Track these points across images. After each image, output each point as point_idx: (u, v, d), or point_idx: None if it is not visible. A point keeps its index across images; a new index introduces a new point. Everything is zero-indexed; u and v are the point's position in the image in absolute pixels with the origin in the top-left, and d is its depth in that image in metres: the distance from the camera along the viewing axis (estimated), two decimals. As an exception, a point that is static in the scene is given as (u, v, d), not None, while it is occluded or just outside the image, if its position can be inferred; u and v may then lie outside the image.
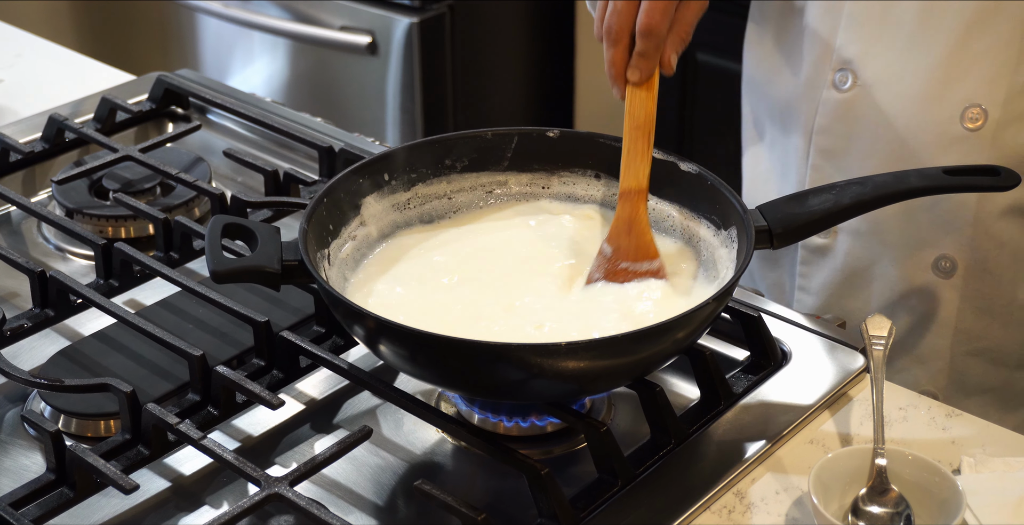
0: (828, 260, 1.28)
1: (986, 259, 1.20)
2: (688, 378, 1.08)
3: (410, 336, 0.92)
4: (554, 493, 0.92)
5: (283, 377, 1.06)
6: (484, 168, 1.13)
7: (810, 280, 1.30)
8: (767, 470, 0.98)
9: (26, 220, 1.31)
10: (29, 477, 0.97)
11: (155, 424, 0.98)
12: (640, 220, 1.03)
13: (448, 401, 1.05)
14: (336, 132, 1.40)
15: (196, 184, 1.27)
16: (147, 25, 2.91)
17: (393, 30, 2.42)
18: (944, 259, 1.20)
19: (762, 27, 1.29)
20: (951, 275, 1.21)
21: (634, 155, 1.05)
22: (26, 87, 1.57)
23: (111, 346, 1.09)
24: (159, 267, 1.14)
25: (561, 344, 0.89)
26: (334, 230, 1.05)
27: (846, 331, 1.11)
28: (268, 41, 2.63)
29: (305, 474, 0.93)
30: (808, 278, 1.30)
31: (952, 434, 1.01)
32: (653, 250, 1.02)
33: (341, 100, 2.58)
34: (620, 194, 1.04)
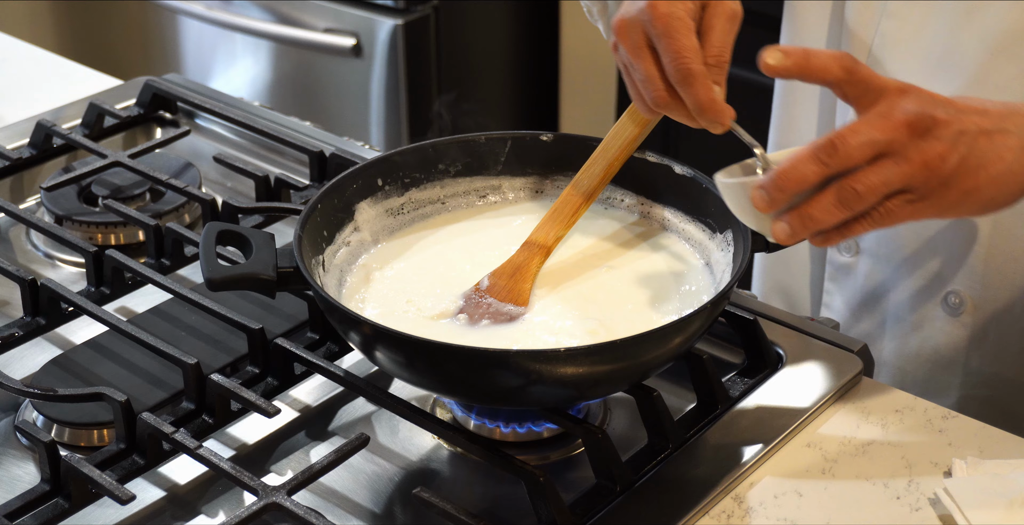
0: (851, 280, 1.27)
1: (996, 300, 1.18)
2: (684, 382, 1.07)
3: (407, 342, 0.92)
4: (553, 499, 0.91)
5: (278, 384, 1.06)
6: (478, 172, 1.12)
7: (834, 298, 1.30)
8: (765, 474, 0.98)
9: (14, 227, 1.30)
10: (23, 488, 0.96)
11: (150, 433, 0.97)
12: (528, 270, 1.03)
13: (444, 407, 1.05)
14: (326, 136, 1.40)
15: (186, 190, 1.26)
16: (128, 28, 2.90)
17: (377, 32, 2.42)
18: (953, 295, 1.19)
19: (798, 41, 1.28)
20: (960, 312, 1.20)
21: (560, 215, 1.06)
22: (12, 92, 1.56)
23: (103, 354, 1.08)
24: (151, 274, 1.13)
25: (560, 350, 0.89)
26: (328, 236, 1.04)
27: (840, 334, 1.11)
28: (251, 43, 2.62)
29: (303, 483, 0.92)
30: (833, 296, 1.30)
31: (949, 436, 1.01)
32: (523, 299, 1.02)
33: (325, 102, 2.57)
34: (526, 242, 1.05)
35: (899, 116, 0.87)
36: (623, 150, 1.07)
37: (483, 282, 1.03)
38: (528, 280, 1.02)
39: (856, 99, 0.90)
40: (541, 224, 1.06)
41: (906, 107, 0.88)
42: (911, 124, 0.87)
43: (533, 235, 1.05)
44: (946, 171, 0.88)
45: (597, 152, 1.07)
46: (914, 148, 0.87)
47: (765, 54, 0.89)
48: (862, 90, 0.89)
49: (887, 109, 0.88)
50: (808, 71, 0.89)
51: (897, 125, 0.87)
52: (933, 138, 0.87)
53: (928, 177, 0.88)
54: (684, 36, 0.95)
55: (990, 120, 0.89)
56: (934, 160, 0.87)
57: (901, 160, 0.87)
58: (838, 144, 0.87)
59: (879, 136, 0.87)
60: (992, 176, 0.89)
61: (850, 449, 1.00)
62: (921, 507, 0.95)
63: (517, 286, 1.02)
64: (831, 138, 0.87)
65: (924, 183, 0.88)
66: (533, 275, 1.03)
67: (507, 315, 1.00)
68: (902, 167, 0.87)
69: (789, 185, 0.88)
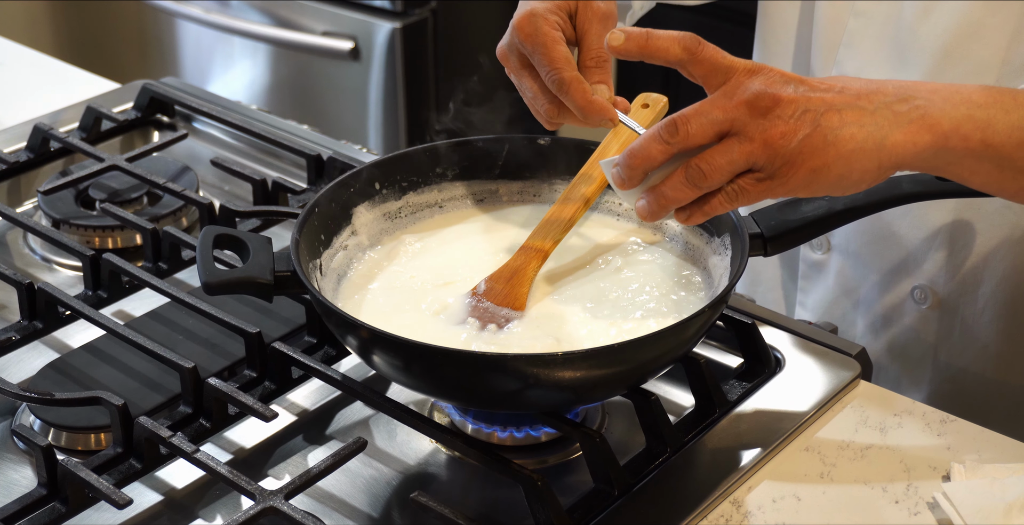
0: (823, 277, 1.28)
1: (961, 294, 1.19)
2: (681, 386, 1.07)
3: (404, 346, 0.91)
4: (551, 503, 0.91)
5: (275, 388, 1.06)
6: (475, 176, 1.12)
7: (808, 295, 1.31)
8: (763, 478, 0.98)
9: (12, 231, 1.30)
10: (20, 492, 0.96)
11: (147, 437, 0.97)
12: (525, 275, 1.03)
13: (441, 411, 1.05)
14: (324, 140, 1.39)
15: (184, 193, 1.26)
16: (127, 31, 2.90)
17: (376, 35, 2.42)
18: (919, 290, 1.20)
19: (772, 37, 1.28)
20: (927, 306, 1.20)
21: (557, 219, 1.06)
22: (9, 96, 1.56)
23: (101, 358, 1.08)
24: (148, 278, 1.13)
25: (557, 354, 0.89)
26: (326, 240, 1.04)
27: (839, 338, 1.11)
28: (249, 47, 2.62)
29: (300, 487, 0.92)
30: (806, 293, 1.31)
31: (947, 440, 1.01)
32: (520, 303, 1.02)
33: (323, 106, 2.57)
34: (523, 246, 1.05)
35: (741, 96, 0.88)
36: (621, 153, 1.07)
37: (480, 286, 1.03)
38: (525, 284, 1.02)
39: (703, 79, 0.91)
40: (538, 228, 1.06)
41: (749, 86, 0.89)
42: (751, 103, 0.88)
43: (530, 239, 1.05)
44: (789, 149, 0.88)
45: (594, 156, 1.07)
46: (755, 127, 0.88)
47: (609, 36, 0.91)
48: (708, 70, 0.90)
49: (731, 89, 0.89)
50: (648, 50, 0.91)
51: (738, 104, 0.88)
52: (775, 117, 0.88)
53: (771, 155, 0.88)
54: (551, 48, 0.99)
55: (844, 97, 0.89)
56: (775, 138, 0.88)
57: (744, 139, 0.88)
58: (680, 124, 0.89)
59: (720, 115, 0.89)
60: (842, 153, 0.89)
61: (849, 453, 1.00)
62: (920, 511, 0.95)
63: (514, 290, 1.02)
64: (674, 118, 0.90)
65: (769, 161, 0.88)
66: (530, 279, 1.03)
67: (504, 319, 1.00)
68: (744, 146, 0.88)
69: (636, 162, 0.91)
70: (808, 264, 1.29)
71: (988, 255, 1.16)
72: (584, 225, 1.10)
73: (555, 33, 1.00)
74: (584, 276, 1.05)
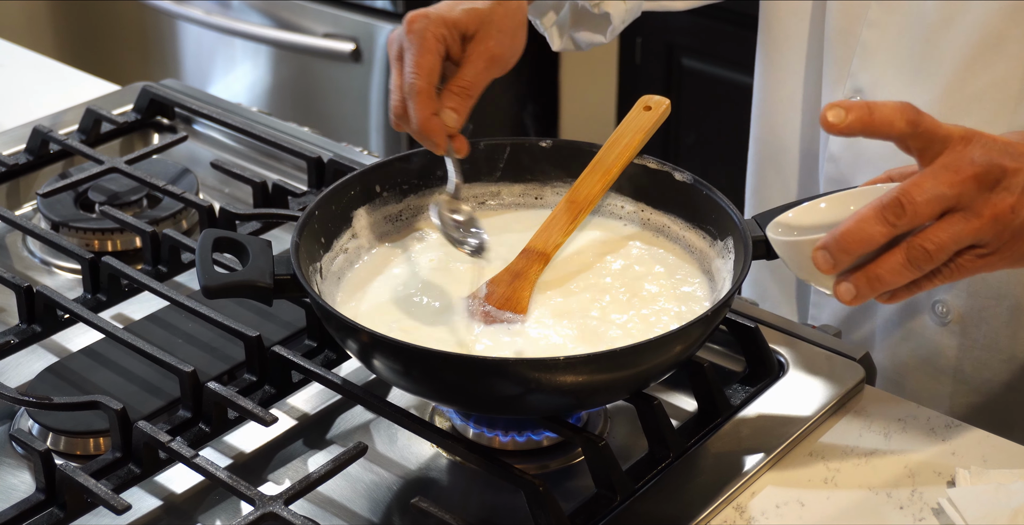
0: None
1: (983, 309, 1.18)
2: (685, 390, 1.07)
3: (404, 351, 0.91)
4: (553, 509, 0.91)
5: (275, 392, 1.05)
6: (476, 179, 1.12)
7: (821, 310, 1.29)
8: (767, 483, 0.97)
9: (10, 234, 1.30)
10: (18, 497, 0.96)
11: (146, 442, 0.96)
12: (527, 278, 1.02)
13: (442, 415, 1.04)
14: (324, 142, 1.39)
15: (184, 196, 1.25)
16: (127, 33, 2.89)
17: (377, 37, 2.41)
18: (940, 304, 1.19)
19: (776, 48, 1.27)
20: (948, 321, 1.19)
21: (557, 224, 1.05)
22: (8, 98, 1.55)
23: (99, 362, 1.07)
24: (147, 281, 1.13)
25: (559, 358, 0.88)
26: (326, 243, 1.04)
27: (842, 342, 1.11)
28: (250, 49, 2.61)
29: (300, 492, 0.92)
30: (820, 308, 1.29)
31: (952, 445, 1.00)
32: (522, 307, 1.01)
33: (324, 108, 2.56)
34: (524, 249, 1.04)
35: (967, 169, 0.84)
36: (623, 156, 1.06)
37: (482, 289, 1.02)
38: (527, 288, 1.02)
39: (920, 151, 0.86)
40: (540, 231, 1.05)
41: (974, 158, 0.84)
42: (979, 177, 0.84)
43: (532, 242, 1.05)
44: (1017, 223, 0.85)
45: (597, 158, 1.07)
46: (983, 202, 0.84)
47: (827, 112, 0.85)
48: (927, 141, 0.86)
49: (954, 161, 0.84)
50: (872, 127, 0.85)
51: (965, 179, 0.84)
52: (1002, 189, 0.84)
53: (999, 231, 0.85)
54: (423, 55, 0.99)
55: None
56: (1005, 213, 0.84)
57: (971, 215, 0.84)
58: (905, 203, 0.84)
59: (947, 191, 0.84)
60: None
61: (853, 458, 0.99)
62: (925, 517, 0.94)
63: (516, 294, 1.01)
64: (897, 196, 0.84)
65: (996, 237, 0.85)
66: (532, 283, 1.02)
67: (506, 323, 0.99)
68: (972, 223, 0.84)
69: (854, 247, 0.85)
70: None
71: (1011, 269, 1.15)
72: (586, 228, 1.10)
73: (434, 44, 0.99)
74: (586, 279, 1.05)
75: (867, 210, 0.85)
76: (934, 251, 0.84)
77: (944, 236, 0.84)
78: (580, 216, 1.05)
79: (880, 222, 0.84)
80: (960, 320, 1.18)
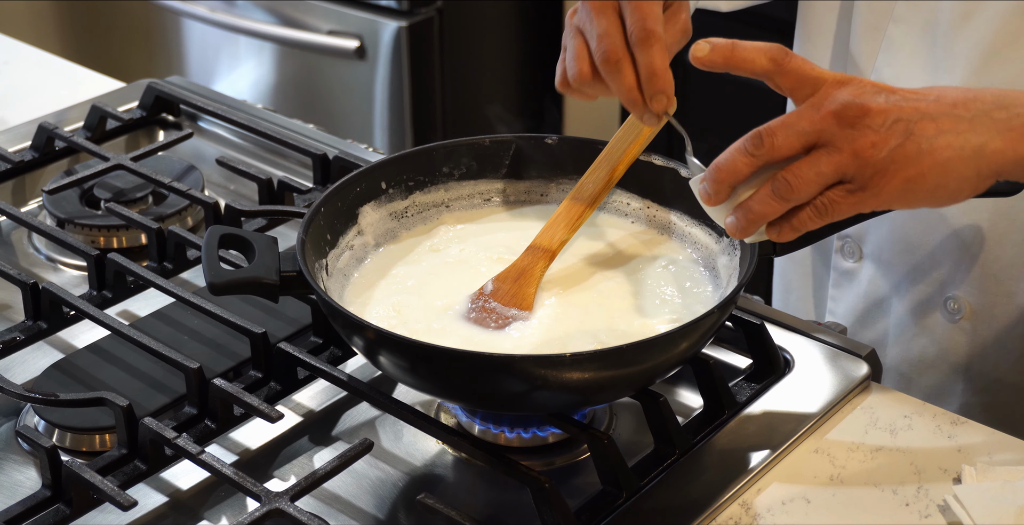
0: (854, 286, 1.27)
1: (995, 305, 1.17)
2: (690, 387, 1.07)
3: (410, 347, 0.91)
4: (558, 506, 0.91)
5: (281, 389, 1.05)
6: (482, 175, 1.12)
7: (838, 304, 1.29)
8: (772, 480, 0.97)
9: (16, 230, 1.30)
10: (24, 493, 0.96)
11: (152, 438, 0.96)
12: (533, 275, 1.02)
13: (448, 412, 1.04)
14: (330, 139, 1.39)
15: (189, 193, 1.25)
16: (132, 30, 2.89)
17: (381, 34, 2.41)
18: (952, 300, 1.19)
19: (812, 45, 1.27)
20: (959, 318, 1.19)
21: (564, 219, 1.05)
22: (14, 95, 1.55)
23: (105, 359, 1.07)
24: (153, 278, 1.13)
25: (565, 355, 0.88)
26: (332, 240, 1.04)
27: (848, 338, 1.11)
28: (255, 46, 2.61)
29: (306, 489, 0.92)
30: (837, 302, 1.29)
31: (958, 442, 1.00)
32: (527, 303, 1.01)
33: (329, 105, 2.56)
34: (530, 246, 1.04)
35: (828, 106, 0.87)
36: (628, 153, 1.06)
37: (487, 286, 1.02)
38: (532, 284, 1.02)
39: (791, 91, 0.89)
40: (546, 228, 1.05)
41: (837, 97, 0.87)
42: (839, 113, 0.86)
43: (537, 239, 1.05)
44: (880, 159, 0.86)
45: (602, 155, 1.07)
46: (843, 137, 0.86)
47: (694, 48, 0.89)
48: (795, 81, 0.88)
49: (818, 100, 0.87)
50: (734, 61, 0.89)
51: (825, 115, 0.87)
52: (864, 127, 0.86)
53: (861, 166, 0.86)
54: (653, 3, 0.95)
55: (939, 106, 0.87)
56: (865, 148, 0.86)
57: (832, 150, 0.87)
58: (765, 135, 0.87)
59: (807, 127, 0.87)
60: (938, 162, 0.86)
61: (858, 455, 0.99)
62: (931, 514, 0.94)
63: (521, 290, 1.01)
64: (759, 130, 0.88)
65: (859, 172, 0.87)
66: (537, 279, 1.02)
67: (511, 319, 0.99)
68: (833, 157, 0.87)
69: (722, 176, 0.89)
70: (839, 272, 1.28)
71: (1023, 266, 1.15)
72: (591, 225, 1.10)
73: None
74: (591, 276, 1.05)
75: (735, 143, 0.89)
76: (795, 183, 0.87)
77: (805, 168, 0.87)
78: (586, 213, 1.05)
79: (742, 153, 0.88)
80: (971, 317, 1.18)
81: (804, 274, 1.36)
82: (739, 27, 2.14)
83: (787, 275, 1.38)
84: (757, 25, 1.33)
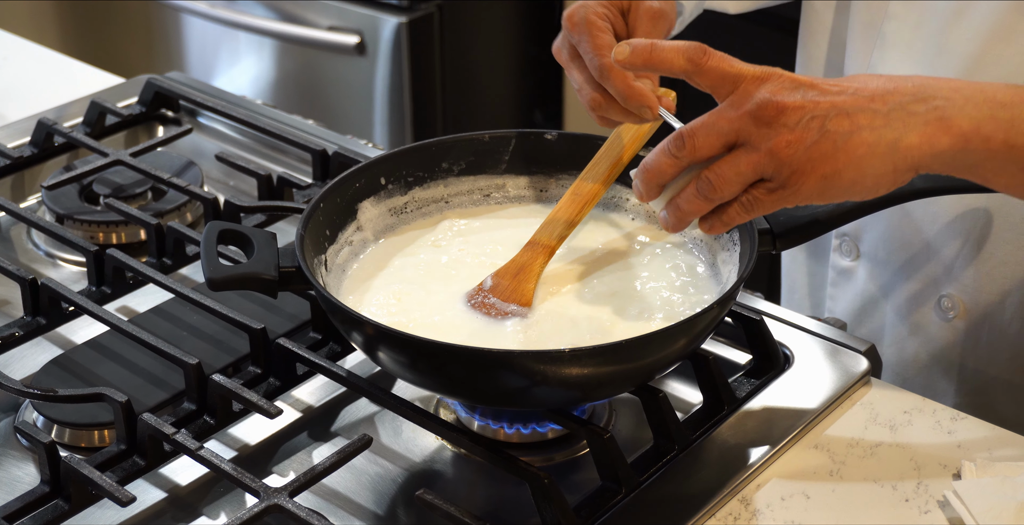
0: (852, 284, 1.27)
1: (988, 304, 1.18)
2: (689, 383, 1.07)
3: (410, 343, 0.91)
4: (558, 501, 0.91)
5: (280, 385, 1.05)
6: (481, 171, 1.12)
7: (837, 302, 1.29)
8: (772, 476, 0.97)
9: (15, 226, 1.30)
10: (23, 489, 0.96)
11: (151, 434, 0.96)
12: (532, 271, 1.02)
13: (447, 408, 1.04)
14: (329, 135, 1.39)
15: (188, 189, 1.25)
16: (131, 26, 2.89)
17: (381, 30, 2.41)
18: (946, 298, 1.19)
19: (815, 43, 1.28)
20: (952, 316, 1.19)
21: (564, 214, 1.05)
22: (13, 91, 1.55)
23: (104, 354, 1.07)
24: (152, 273, 1.12)
25: (565, 351, 0.88)
26: (331, 235, 1.04)
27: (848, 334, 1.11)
28: (255, 41, 2.61)
29: (305, 484, 0.92)
30: (835, 300, 1.30)
31: (958, 437, 1.00)
32: (527, 299, 1.01)
33: (329, 100, 2.56)
34: (529, 242, 1.04)
35: (745, 106, 0.87)
36: (628, 149, 1.06)
37: (486, 282, 1.02)
38: (532, 280, 1.02)
39: (712, 89, 0.90)
40: (545, 224, 1.05)
41: (755, 96, 0.87)
42: (755, 113, 0.87)
43: (537, 235, 1.05)
44: (796, 158, 0.86)
45: (602, 151, 1.07)
46: (759, 137, 0.87)
47: (614, 50, 0.90)
48: (715, 80, 0.89)
49: (737, 99, 0.88)
50: (652, 62, 0.89)
51: (742, 115, 0.87)
52: (780, 125, 0.86)
53: (779, 165, 0.87)
54: (595, 36, 0.99)
55: (856, 100, 0.87)
56: (781, 147, 0.86)
57: (750, 149, 0.87)
58: (687, 137, 0.88)
59: (726, 127, 0.87)
60: (852, 159, 0.87)
61: (858, 451, 0.99)
62: (930, 510, 0.94)
63: (521, 286, 1.01)
64: (681, 131, 0.89)
65: (777, 171, 0.87)
66: (537, 275, 1.02)
67: (510, 315, 0.99)
68: (751, 156, 0.87)
69: (648, 176, 0.91)
70: (837, 271, 1.28)
71: (1017, 264, 1.15)
72: (591, 221, 1.10)
73: (601, 22, 1.00)
74: (591, 272, 1.04)
75: (660, 144, 0.90)
76: (717, 182, 0.88)
77: (725, 168, 0.88)
78: (585, 208, 1.05)
79: (666, 154, 0.89)
80: (965, 316, 1.18)
81: (803, 273, 1.36)
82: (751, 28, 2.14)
83: (788, 273, 1.38)
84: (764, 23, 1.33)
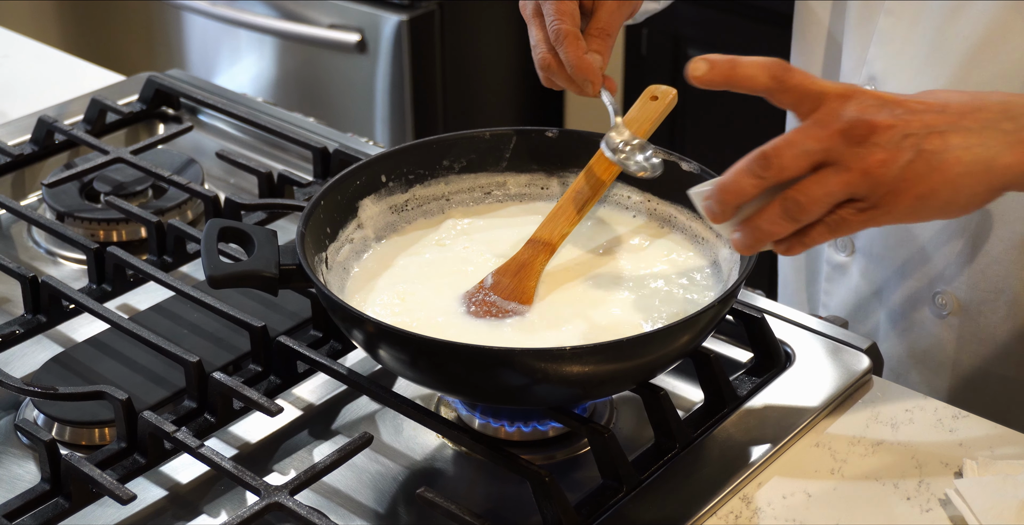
0: (847, 279, 1.27)
1: (982, 302, 1.17)
2: (691, 380, 1.07)
3: (410, 341, 0.91)
4: (558, 500, 0.90)
5: (280, 383, 1.05)
6: (482, 169, 1.11)
7: (831, 298, 1.29)
8: (773, 474, 0.97)
9: (16, 224, 1.29)
10: (23, 487, 0.96)
11: (151, 432, 0.96)
12: (533, 269, 1.02)
13: (448, 406, 1.04)
14: (330, 132, 1.39)
15: (189, 186, 1.25)
16: (133, 23, 2.89)
17: (382, 28, 2.41)
18: (941, 295, 1.19)
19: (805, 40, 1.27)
20: (946, 313, 1.19)
21: (563, 214, 1.05)
22: (14, 88, 1.55)
23: (105, 352, 1.07)
24: (153, 271, 1.12)
25: (566, 349, 0.88)
26: (331, 233, 1.03)
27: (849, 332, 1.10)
28: (256, 39, 2.61)
29: (305, 483, 0.91)
30: (830, 295, 1.29)
31: (959, 436, 1.00)
32: (528, 297, 1.01)
33: (330, 98, 2.56)
34: (530, 240, 1.04)
35: (834, 124, 0.85)
36: None
37: (487, 280, 1.02)
38: (532, 278, 1.02)
39: (794, 107, 0.87)
40: (546, 221, 1.05)
41: (843, 114, 0.85)
42: (846, 132, 0.84)
43: (538, 233, 1.04)
44: (890, 177, 0.84)
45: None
46: (852, 156, 0.84)
47: (690, 66, 0.87)
48: (797, 98, 0.86)
49: (823, 117, 0.85)
50: (734, 80, 0.87)
51: (832, 134, 0.84)
52: (872, 145, 0.84)
53: (872, 185, 0.85)
54: (567, 3, 1.01)
55: (946, 118, 0.85)
56: (874, 167, 0.84)
57: (841, 169, 0.85)
58: (772, 156, 0.85)
59: (814, 146, 0.85)
60: (948, 178, 0.85)
61: (859, 449, 0.99)
62: (932, 508, 0.94)
63: (521, 284, 1.01)
64: (765, 150, 0.85)
65: (871, 191, 0.85)
66: (538, 273, 1.02)
67: (511, 313, 0.99)
68: (842, 176, 0.85)
69: (728, 198, 0.87)
70: (832, 266, 1.28)
71: (1011, 262, 1.15)
72: (592, 218, 1.09)
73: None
74: (592, 270, 1.04)
75: (740, 163, 0.87)
76: (806, 203, 0.85)
77: (815, 188, 0.85)
78: (586, 206, 1.05)
79: (749, 174, 0.86)
80: (959, 313, 1.18)
81: (798, 268, 1.36)
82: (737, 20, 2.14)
83: (782, 268, 1.38)
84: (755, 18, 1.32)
